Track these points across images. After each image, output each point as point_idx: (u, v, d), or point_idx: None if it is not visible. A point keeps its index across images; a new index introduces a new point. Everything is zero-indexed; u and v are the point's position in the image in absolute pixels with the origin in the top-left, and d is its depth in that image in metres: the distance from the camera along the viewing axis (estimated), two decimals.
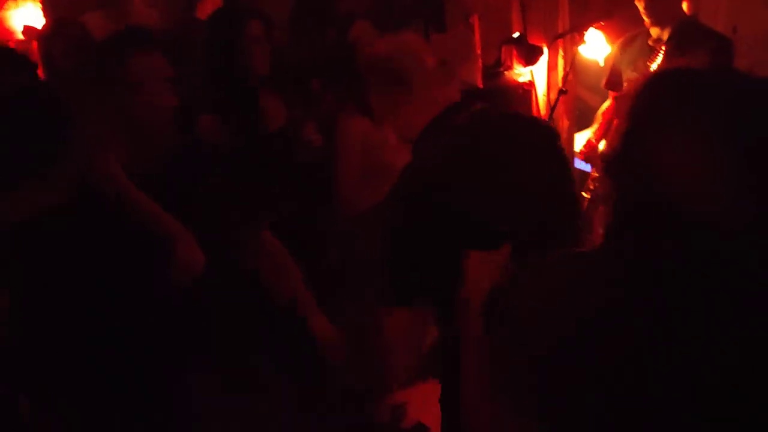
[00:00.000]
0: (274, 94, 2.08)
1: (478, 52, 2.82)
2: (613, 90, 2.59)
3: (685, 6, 2.84)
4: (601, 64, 2.71)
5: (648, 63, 2.50)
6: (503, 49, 2.74)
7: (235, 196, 1.48)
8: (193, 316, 1.37)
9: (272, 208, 1.68)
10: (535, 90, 2.78)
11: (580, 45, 2.67)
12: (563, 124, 2.84)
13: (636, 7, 2.46)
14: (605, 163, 0.83)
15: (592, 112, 2.69)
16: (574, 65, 2.67)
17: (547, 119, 2.51)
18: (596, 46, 2.66)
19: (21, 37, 2.59)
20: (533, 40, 2.76)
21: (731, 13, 3.22)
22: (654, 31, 2.49)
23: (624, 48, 2.63)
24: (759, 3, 3.40)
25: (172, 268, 1.28)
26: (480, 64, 2.78)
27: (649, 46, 2.52)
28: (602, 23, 2.71)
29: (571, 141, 2.87)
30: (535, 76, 2.78)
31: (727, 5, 3.21)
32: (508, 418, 0.83)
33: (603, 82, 2.59)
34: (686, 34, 2.45)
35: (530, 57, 2.60)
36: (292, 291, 1.60)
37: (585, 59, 2.72)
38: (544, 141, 1.24)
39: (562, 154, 1.27)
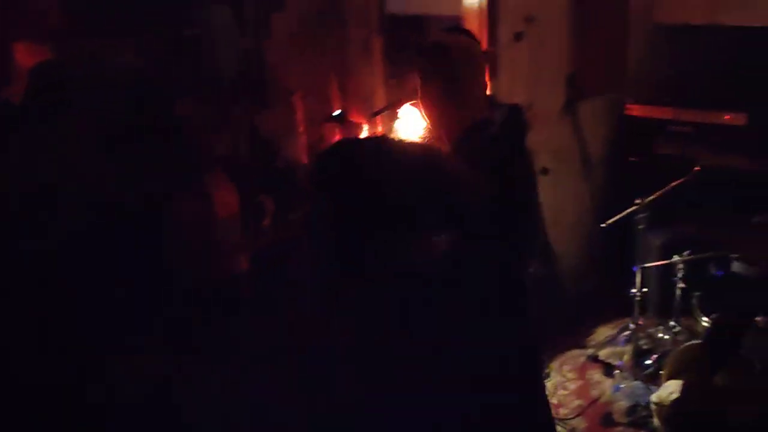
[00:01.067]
0: None
1: (301, 129, 2.87)
2: None
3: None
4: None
5: None
6: (325, 127, 2.83)
7: None
8: None
9: None
10: None
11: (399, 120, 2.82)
12: None
13: None
14: None
15: None
16: None
17: None
18: (412, 122, 2.82)
19: None
20: (353, 117, 2.87)
21: (528, 91, 3.58)
22: None
23: None
24: (551, 81, 3.82)
25: None
26: (304, 141, 2.84)
27: None
28: (418, 100, 2.89)
29: None
30: None
31: (523, 84, 3.57)
32: None
33: None
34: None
35: (351, 133, 2.70)
36: None
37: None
38: None
39: None
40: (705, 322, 3.32)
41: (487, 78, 3.17)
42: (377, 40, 3.08)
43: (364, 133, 2.93)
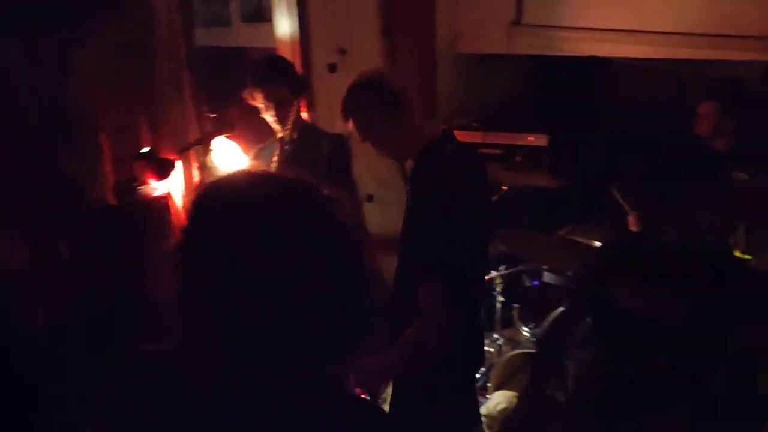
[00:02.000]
0: None
1: (108, 169, 2.71)
2: None
3: (305, 115, 3.16)
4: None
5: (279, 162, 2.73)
6: (135, 165, 2.68)
7: None
8: None
9: None
10: (173, 201, 2.76)
11: (211, 154, 2.76)
12: None
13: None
14: None
15: None
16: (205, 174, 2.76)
17: None
18: (225, 155, 2.77)
19: None
20: (165, 154, 2.75)
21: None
22: (283, 134, 2.73)
23: (258, 155, 2.83)
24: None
25: None
26: (111, 181, 2.67)
27: (279, 148, 2.75)
28: (232, 132, 2.86)
29: None
30: (171, 188, 2.77)
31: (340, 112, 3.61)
32: None
33: None
34: (311, 136, 2.74)
35: (162, 171, 2.58)
36: None
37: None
38: None
39: None
40: (525, 331, 3.53)
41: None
42: (187, 74, 2.98)
43: (177, 170, 2.82)
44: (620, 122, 4.06)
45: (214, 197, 0.96)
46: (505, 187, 3.52)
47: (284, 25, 3.49)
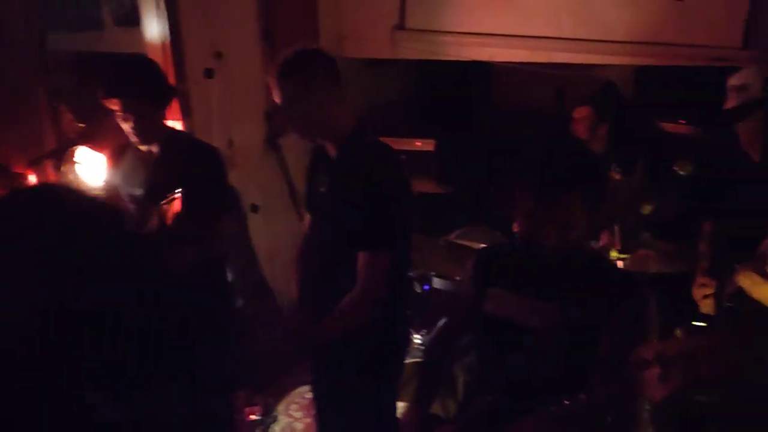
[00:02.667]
0: None
1: None
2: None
3: (177, 124, 2.99)
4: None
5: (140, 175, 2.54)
6: None
7: None
8: None
9: None
10: None
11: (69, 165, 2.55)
12: None
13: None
14: None
15: None
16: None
17: None
18: (87, 167, 2.57)
19: None
20: (15, 166, 2.51)
21: (224, 127, 3.48)
22: (143, 147, 2.53)
23: (116, 163, 2.64)
24: (249, 117, 3.77)
25: None
26: None
27: (141, 159, 2.55)
28: (96, 142, 2.66)
29: None
30: None
31: (220, 120, 3.46)
32: None
33: None
34: (174, 147, 2.55)
35: (8, 183, 2.35)
36: None
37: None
38: None
39: None
40: (416, 339, 3.48)
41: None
42: (42, 81, 2.74)
43: (31, 182, 2.58)
44: (503, 126, 4.12)
45: None
46: None
47: (154, 29, 3.28)
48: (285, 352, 3.89)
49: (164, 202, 2.34)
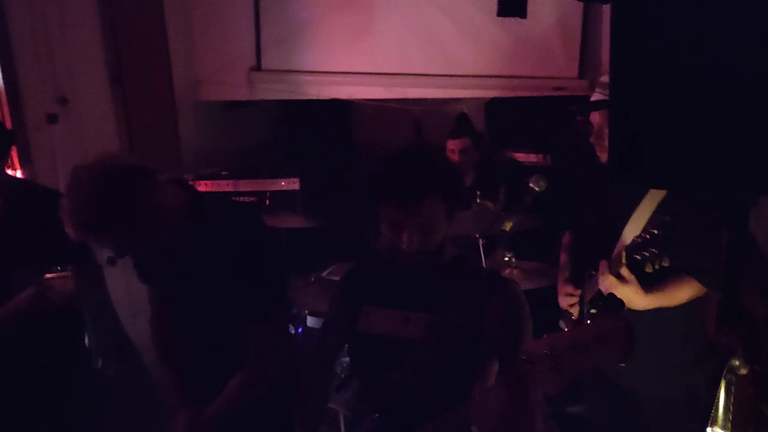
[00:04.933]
0: None
1: None
2: None
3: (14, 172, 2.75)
4: None
5: None
6: None
7: None
8: None
9: None
10: None
11: None
12: None
13: None
14: None
15: None
16: None
17: None
18: None
19: None
20: None
21: None
22: None
23: None
24: None
25: None
26: None
27: None
28: None
29: None
30: None
31: (66, 168, 3.23)
32: None
33: None
34: (21, 198, 2.34)
35: None
36: None
37: None
38: None
39: None
40: None
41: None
42: None
43: None
44: (365, 160, 4.17)
45: None
46: None
47: None
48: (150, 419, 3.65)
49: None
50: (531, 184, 2.73)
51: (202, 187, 4.08)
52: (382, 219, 1.63)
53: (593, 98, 2.10)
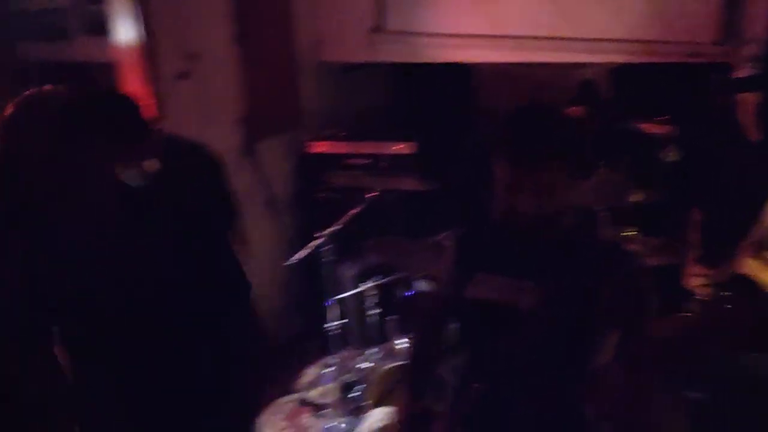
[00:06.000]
0: None
1: None
2: None
3: None
4: None
5: None
6: None
7: None
8: None
9: None
10: None
11: None
12: None
13: None
14: None
15: None
16: None
17: None
18: None
19: None
20: None
21: (199, 132, 3.39)
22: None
23: None
24: (223, 122, 3.68)
25: None
26: None
27: None
28: None
29: None
30: None
31: (193, 125, 3.37)
32: None
33: None
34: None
35: None
36: None
37: None
38: None
39: None
40: (401, 344, 3.41)
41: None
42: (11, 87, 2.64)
43: None
44: (486, 125, 4.07)
45: None
46: (373, 193, 3.39)
47: (124, 35, 3.19)
48: (271, 362, 3.81)
49: None
50: (661, 156, 2.56)
51: (319, 147, 4.15)
52: (499, 181, 1.56)
53: (742, 73, 1.92)
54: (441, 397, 2.70)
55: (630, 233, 2.80)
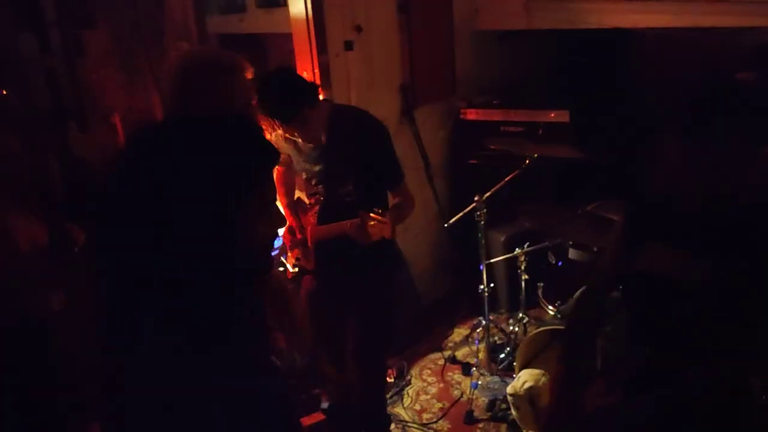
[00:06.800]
0: None
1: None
2: None
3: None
4: None
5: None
6: None
7: None
8: None
9: None
10: None
11: None
12: None
13: None
14: None
15: None
16: None
17: None
18: None
19: None
20: None
21: (362, 99, 3.58)
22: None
23: None
24: (386, 89, 3.84)
25: None
26: None
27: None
28: None
29: None
30: None
31: (357, 92, 3.56)
32: None
33: None
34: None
35: None
36: None
37: None
38: None
39: None
40: (550, 309, 3.45)
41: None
42: None
43: None
44: (644, 94, 3.95)
45: None
46: (527, 161, 3.43)
47: (297, 7, 3.43)
48: (423, 319, 4.00)
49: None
50: None
51: (473, 115, 4.23)
52: (671, 154, 1.57)
53: None
54: (594, 364, 2.74)
55: None
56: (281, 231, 2.80)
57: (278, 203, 2.84)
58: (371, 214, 2.35)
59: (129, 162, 1.11)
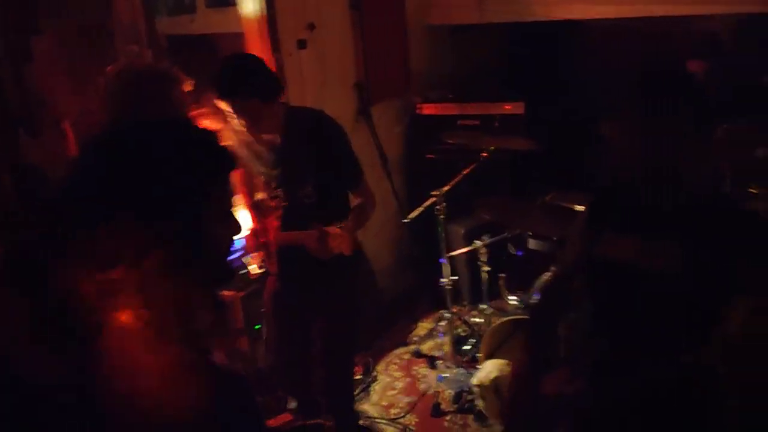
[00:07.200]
0: None
1: (74, 154, 2.61)
2: None
3: None
4: None
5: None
6: None
7: None
8: None
9: None
10: None
11: None
12: None
13: None
14: None
15: None
16: None
17: None
18: None
19: None
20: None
21: (317, 97, 3.56)
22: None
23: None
24: (340, 87, 3.83)
25: None
26: None
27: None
28: None
29: None
30: None
31: (312, 91, 3.54)
32: None
33: None
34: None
35: None
36: None
37: None
38: None
39: None
40: (512, 300, 3.49)
41: None
42: (148, 52, 2.89)
43: None
44: (594, 84, 4.01)
45: None
46: (485, 154, 3.46)
47: (248, 6, 3.38)
48: (386, 315, 4.01)
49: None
50: None
51: (429, 110, 4.25)
52: (618, 142, 1.59)
53: None
54: (556, 352, 2.78)
55: (756, 190, 2.74)
56: (242, 233, 2.77)
57: (240, 206, 2.81)
58: (327, 229, 2.35)
59: (84, 169, 1.09)
